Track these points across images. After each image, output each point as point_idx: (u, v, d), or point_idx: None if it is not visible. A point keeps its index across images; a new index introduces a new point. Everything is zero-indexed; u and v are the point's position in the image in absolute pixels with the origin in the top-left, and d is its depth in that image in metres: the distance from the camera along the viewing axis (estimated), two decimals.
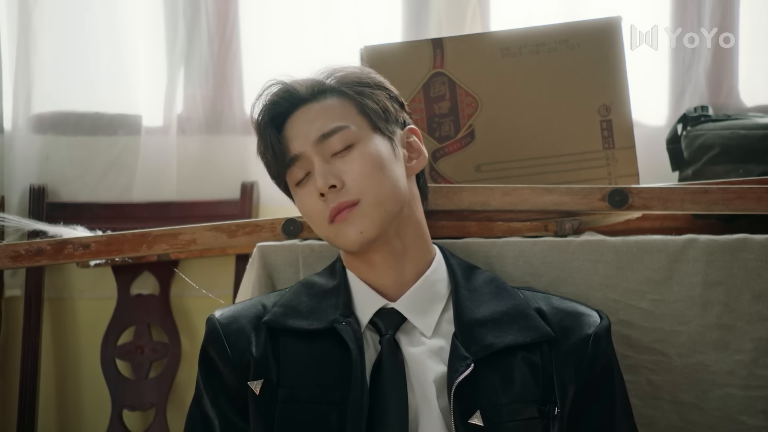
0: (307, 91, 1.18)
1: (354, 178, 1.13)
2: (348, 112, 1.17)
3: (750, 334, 1.28)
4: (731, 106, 1.90)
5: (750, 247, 1.29)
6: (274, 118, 1.18)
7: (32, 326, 1.91)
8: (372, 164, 1.14)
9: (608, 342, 1.17)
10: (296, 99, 1.18)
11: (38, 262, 1.42)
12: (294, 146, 1.16)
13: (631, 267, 1.30)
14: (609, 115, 1.43)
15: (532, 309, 1.17)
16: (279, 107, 1.18)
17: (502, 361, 1.13)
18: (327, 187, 1.13)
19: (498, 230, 1.35)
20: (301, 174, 1.16)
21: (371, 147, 1.15)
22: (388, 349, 1.14)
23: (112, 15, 1.96)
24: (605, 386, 1.16)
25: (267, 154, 1.18)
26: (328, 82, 1.18)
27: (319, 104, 1.17)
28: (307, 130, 1.16)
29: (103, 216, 1.92)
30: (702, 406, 1.29)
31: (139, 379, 1.93)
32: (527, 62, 1.42)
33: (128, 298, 1.95)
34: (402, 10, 1.96)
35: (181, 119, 1.97)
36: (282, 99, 1.18)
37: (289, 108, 1.18)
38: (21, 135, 1.95)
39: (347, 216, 1.13)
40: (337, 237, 1.15)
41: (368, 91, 1.18)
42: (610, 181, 1.42)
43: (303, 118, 1.17)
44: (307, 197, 1.16)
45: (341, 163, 1.14)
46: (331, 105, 1.17)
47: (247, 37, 1.98)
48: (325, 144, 1.15)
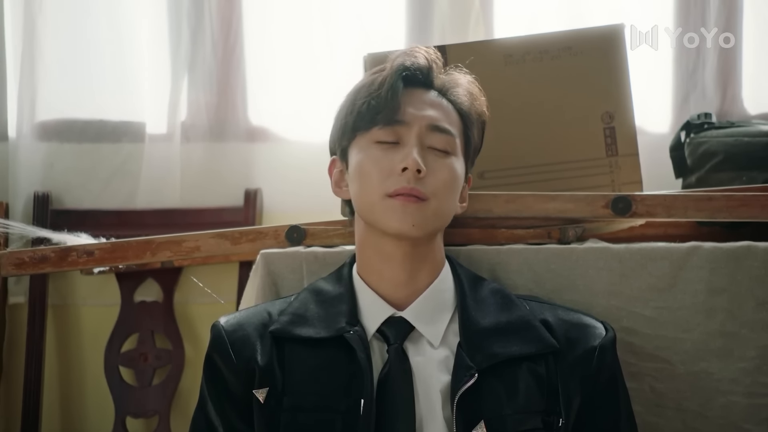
0: (439, 82, 1.21)
1: (436, 182, 1.15)
2: (456, 127, 1.20)
3: (754, 341, 1.28)
4: (735, 113, 1.90)
5: (754, 254, 1.28)
6: (408, 78, 1.17)
7: (36, 333, 1.91)
8: (452, 180, 1.17)
9: (614, 354, 1.18)
10: (429, 81, 1.20)
11: (42, 269, 1.43)
12: (407, 113, 1.16)
13: (634, 274, 1.30)
14: (612, 122, 1.43)
15: (538, 320, 1.17)
16: (417, 74, 1.18)
17: (507, 371, 1.12)
18: (417, 169, 1.13)
19: (501, 237, 1.35)
20: (390, 138, 1.16)
21: (458, 166, 1.19)
22: (396, 358, 1.13)
23: (116, 22, 1.97)
24: (610, 398, 1.17)
25: (373, 98, 1.16)
26: (452, 91, 1.21)
27: (440, 100, 1.20)
28: (425, 111, 1.17)
29: (107, 223, 1.92)
30: (706, 413, 1.29)
31: (143, 386, 1.93)
32: (530, 69, 1.42)
33: (132, 305, 1.95)
34: (405, 17, 1.97)
35: (184, 126, 1.97)
36: (423, 70, 1.19)
37: (422, 82, 1.19)
38: (25, 142, 1.96)
39: (412, 205, 1.13)
40: (385, 212, 1.14)
41: (476, 121, 1.22)
42: (613, 188, 1.42)
43: (427, 99, 1.19)
44: (383, 159, 1.15)
45: (432, 161, 1.16)
46: (449, 110, 1.20)
47: (251, 43, 1.99)
48: (431, 135, 1.16)
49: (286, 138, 1.98)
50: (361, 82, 1.22)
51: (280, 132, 1.99)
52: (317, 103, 1.95)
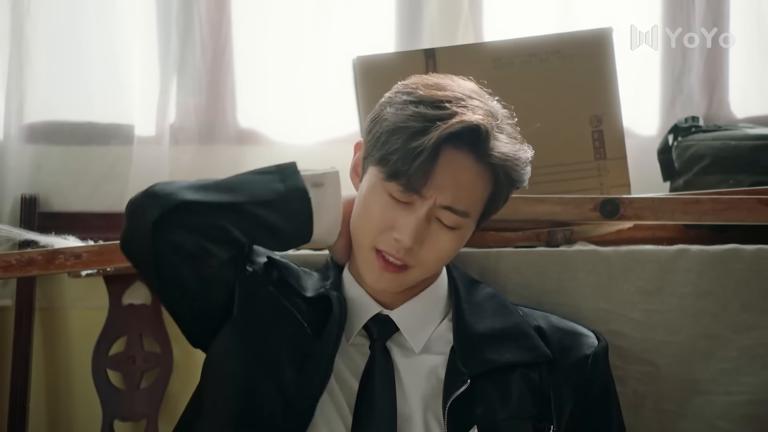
0: (486, 148, 1.08)
1: (429, 253, 1.10)
2: (480, 197, 1.11)
3: (735, 342, 1.29)
4: (722, 117, 1.91)
5: (740, 257, 1.29)
6: (452, 139, 1.06)
7: (23, 336, 1.90)
8: (447, 255, 1.13)
9: (606, 364, 1.18)
10: (473, 144, 1.08)
11: (29, 272, 1.42)
12: (429, 188, 1.08)
13: (623, 277, 1.31)
14: (600, 125, 1.43)
15: (532, 328, 1.17)
16: (462, 137, 1.06)
17: (500, 377, 1.13)
18: (408, 246, 1.09)
19: (490, 240, 1.36)
20: (403, 199, 1.09)
21: (465, 236, 1.13)
22: (380, 354, 1.14)
23: (105, 24, 1.96)
24: (602, 407, 1.17)
25: (404, 162, 1.06)
26: (501, 162, 1.09)
27: (473, 168, 1.09)
28: (447, 189, 1.08)
29: (96, 226, 1.91)
30: (683, 413, 1.30)
31: (131, 389, 1.92)
32: (519, 73, 1.43)
33: (120, 307, 1.94)
34: (395, 21, 1.97)
35: (173, 129, 1.97)
36: (467, 135, 1.07)
37: (465, 146, 1.08)
38: (13, 144, 1.94)
39: (390, 273, 1.11)
40: (366, 263, 1.13)
41: (505, 193, 1.14)
42: (601, 191, 1.43)
43: (455, 171, 1.08)
44: (389, 213, 1.10)
45: (434, 231, 1.10)
46: (478, 181, 1.09)
47: (240, 46, 1.99)
48: (443, 212, 1.10)
49: (275, 141, 1.98)
50: (407, 111, 1.08)
51: (269, 135, 1.99)
52: (306, 106, 1.95)
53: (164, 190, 1.09)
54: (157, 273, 1.10)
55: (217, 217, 1.10)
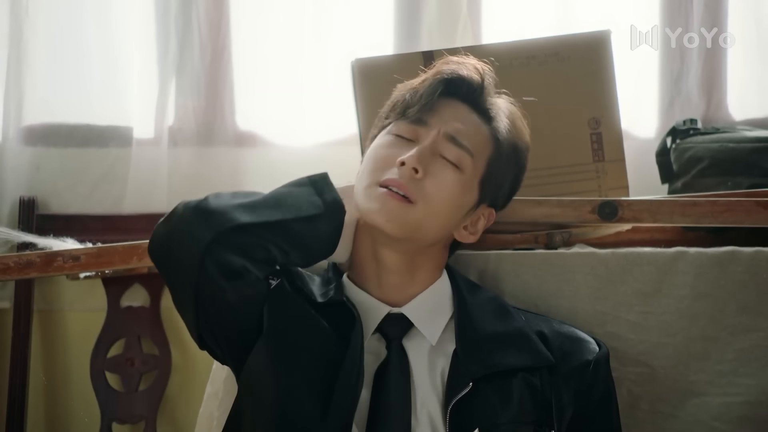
0: (483, 102, 1.16)
1: (432, 188, 1.11)
2: (482, 145, 1.15)
3: (732, 345, 1.29)
4: (720, 119, 1.91)
5: (738, 259, 1.29)
6: (451, 86, 1.15)
7: (21, 338, 1.90)
8: (450, 192, 1.12)
9: (608, 370, 1.19)
10: (473, 97, 1.16)
11: (28, 274, 1.42)
12: (433, 117, 1.14)
13: (620, 279, 1.31)
14: (599, 128, 1.43)
15: (534, 332, 1.17)
16: (462, 85, 1.15)
17: (502, 380, 1.12)
18: (413, 167, 1.10)
19: (489, 243, 1.35)
20: (408, 134, 1.14)
21: (463, 185, 1.14)
22: (396, 355, 1.14)
23: (104, 26, 1.96)
24: (602, 414, 1.18)
25: (410, 93, 1.15)
26: (493, 116, 1.16)
27: (476, 119, 1.16)
28: (452, 122, 1.14)
29: (94, 228, 1.91)
30: (677, 414, 1.30)
31: (129, 391, 1.92)
32: (517, 75, 1.43)
33: (118, 310, 1.94)
34: (394, 23, 1.97)
35: (172, 131, 1.97)
36: (469, 84, 1.16)
37: (465, 95, 1.16)
38: (11, 146, 1.95)
39: (394, 201, 1.10)
40: (368, 199, 1.12)
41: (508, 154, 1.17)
42: (600, 193, 1.43)
43: (461, 113, 1.15)
44: (389, 150, 1.13)
45: (437, 168, 1.12)
46: (479, 132, 1.15)
47: (239, 48, 1.99)
48: (446, 144, 1.13)
49: (274, 143, 1.98)
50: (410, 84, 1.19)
51: (268, 137, 1.99)
52: (305, 108, 1.95)
53: (218, 208, 1.08)
54: (197, 289, 1.08)
55: (265, 237, 1.09)
